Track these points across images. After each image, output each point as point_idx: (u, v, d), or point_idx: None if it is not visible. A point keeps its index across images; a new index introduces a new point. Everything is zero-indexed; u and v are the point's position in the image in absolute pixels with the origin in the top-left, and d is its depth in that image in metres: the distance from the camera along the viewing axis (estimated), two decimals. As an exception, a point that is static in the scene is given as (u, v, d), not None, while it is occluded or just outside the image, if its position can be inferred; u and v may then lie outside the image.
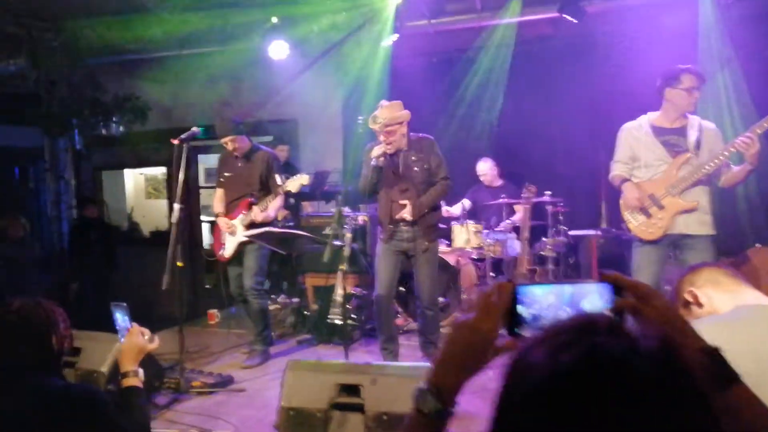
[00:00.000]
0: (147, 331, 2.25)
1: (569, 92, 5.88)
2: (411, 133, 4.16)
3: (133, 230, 9.51)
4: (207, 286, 8.13)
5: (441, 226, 4.61)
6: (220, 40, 6.75)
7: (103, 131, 7.12)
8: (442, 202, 4.80)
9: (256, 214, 4.52)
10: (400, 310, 5.38)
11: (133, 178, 10.24)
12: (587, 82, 5.76)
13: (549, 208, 5.50)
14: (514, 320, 0.97)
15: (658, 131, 3.81)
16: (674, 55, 4.38)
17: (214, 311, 6.31)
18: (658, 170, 3.78)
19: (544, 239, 5.52)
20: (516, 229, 5.78)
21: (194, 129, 4.24)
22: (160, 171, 9.73)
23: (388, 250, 4.18)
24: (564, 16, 5.16)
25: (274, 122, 7.69)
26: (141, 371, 2.15)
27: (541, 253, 5.46)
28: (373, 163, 4.02)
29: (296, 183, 4.51)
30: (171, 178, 8.58)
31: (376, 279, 4.22)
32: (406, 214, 4.05)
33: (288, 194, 4.85)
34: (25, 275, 6.72)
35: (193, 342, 5.24)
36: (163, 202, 9.20)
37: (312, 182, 5.15)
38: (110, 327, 2.41)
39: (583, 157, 6.04)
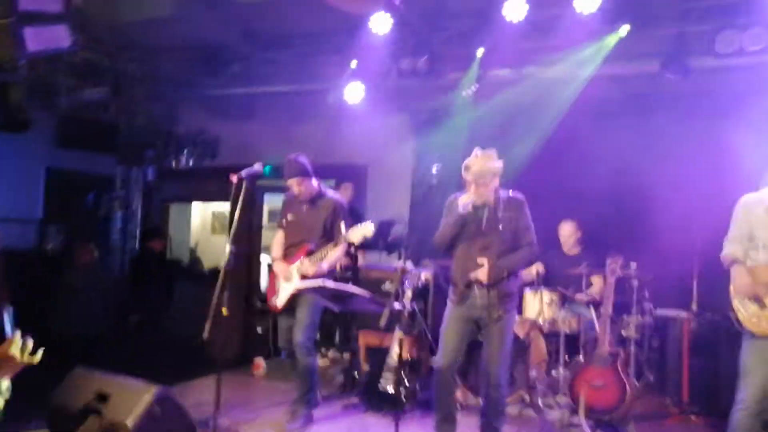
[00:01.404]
0: (28, 343, 2.08)
1: (665, 157, 5.35)
2: (501, 189, 3.78)
3: (195, 265, 9.45)
4: (259, 330, 7.88)
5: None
6: (297, 80, 6.67)
7: (173, 164, 7.11)
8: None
9: (307, 267, 4.22)
10: (458, 381, 4.87)
11: (201, 212, 10.28)
12: (684, 143, 5.23)
13: (634, 282, 4.92)
14: None
15: (780, 207, 3.26)
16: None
17: (260, 360, 5.99)
18: (777, 254, 3.22)
19: (625, 317, 4.92)
20: (594, 304, 5.21)
21: (256, 166, 4.03)
22: (227, 207, 9.73)
23: (458, 315, 3.75)
24: (666, 73, 4.70)
25: (342, 166, 7.48)
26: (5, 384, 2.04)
27: (622, 332, 4.86)
28: (460, 210, 3.64)
29: (359, 233, 4.18)
30: (232, 215, 8.52)
31: (440, 346, 3.78)
32: (482, 275, 3.62)
33: (348, 244, 4.52)
34: (88, 301, 6.70)
35: (234, 393, 4.91)
36: (224, 238, 9.14)
37: (375, 231, 4.82)
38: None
39: (675, 227, 5.45)
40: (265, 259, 8.74)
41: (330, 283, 3.14)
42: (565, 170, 5.75)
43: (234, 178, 3.92)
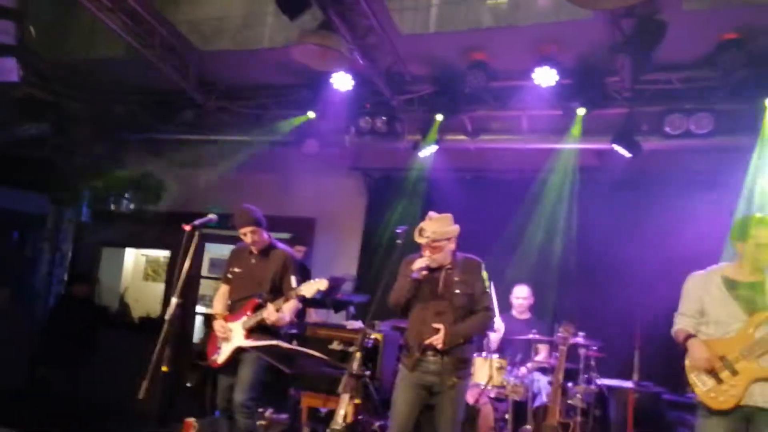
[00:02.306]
0: None
1: (614, 229, 5.51)
2: (458, 252, 3.74)
3: (124, 313, 8.90)
4: (188, 385, 7.41)
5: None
6: (251, 131, 6.57)
7: (113, 206, 6.77)
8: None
9: (270, 313, 3.99)
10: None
11: (134, 258, 9.79)
12: (634, 220, 5.42)
13: (582, 351, 4.94)
14: None
15: (731, 284, 3.36)
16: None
17: (191, 420, 5.58)
18: (730, 328, 3.29)
19: (572, 386, 4.91)
20: (542, 370, 5.19)
21: (211, 216, 3.87)
22: (162, 254, 9.32)
23: (410, 382, 3.61)
24: (616, 148, 4.90)
25: (290, 219, 7.33)
26: None
27: (569, 401, 4.83)
28: (414, 275, 3.56)
29: (312, 288, 4.03)
30: (174, 263, 8.16)
31: (392, 414, 3.61)
32: (437, 340, 3.52)
33: (299, 299, 4.34)
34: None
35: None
36: (160, 287, 8.69)
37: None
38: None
39: (618, 297, 5.58)
40: (200, 309, 8.36)
41: (284, 344, 2.95)
42: (518, 235, 5.81)
43: (187, 227, 3.72)
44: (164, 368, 3.39)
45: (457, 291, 3.64)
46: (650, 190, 5.48)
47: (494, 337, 5.30)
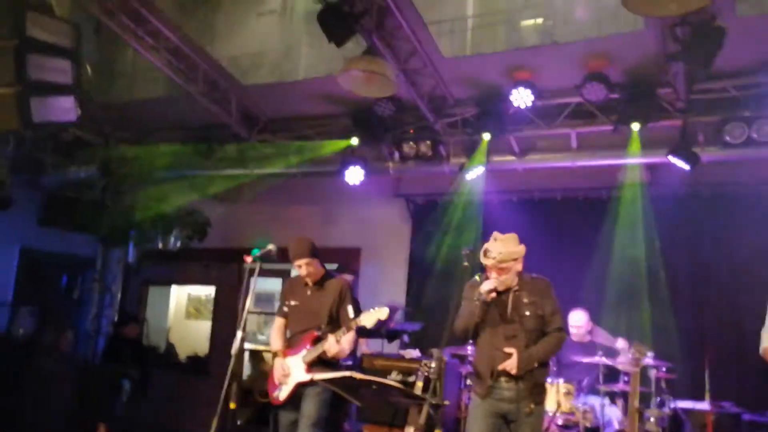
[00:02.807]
0: None
1: (675, 244, 5.32)
2: (524, 273, 3.62)
3: (170, 353, 8.89)
4: (238, 422, 7.32)
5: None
6: (293, 161, 6.58)
7: (160, 245, 6.82)
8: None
9: (331, 345, 3.90)
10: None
11: (176, 296, 9.83)
12: (695, 236, 5.23)
13: (652, 372, 4.73)
14: None
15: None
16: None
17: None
18: (821, 342, 3.10)
19: (646, 410, 4.68)
20: (610, 395, 4.97)
21: (270, 247, 3.81)
22: (204, 291, 9.33)
23: (485, 411, 3.46)
24: (673, 160, 4.75)
25: (335, 249, 7.28)
26: None
27: (645, 428, 4.60)
28: (482, 298, 3.44)
29: (373, 317, 3.92)
30: (220, 298, 8.15)
31: (468, 446, 3.47)
32: (510, 365, 3.38)
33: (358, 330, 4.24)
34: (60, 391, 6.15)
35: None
36: (205, 324, 8.67)
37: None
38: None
39: (685, 316, 5.37)
40: (247, 345, 8.30)
41: (358, 375, 2.85)
42: (570, 258, 5.65)
43: (248, 259, 3.68)
44: (232, 405, 3.30)
45: (527, 313, 3.50)
46: (715, 203, 5.29)
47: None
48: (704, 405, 4.73)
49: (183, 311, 9.89)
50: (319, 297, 4.25)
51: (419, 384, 4.32)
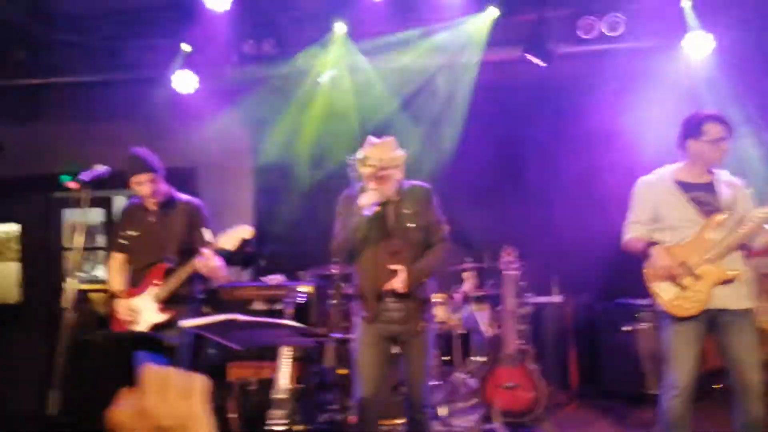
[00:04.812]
0: None
1: (521, 138, 5.37)
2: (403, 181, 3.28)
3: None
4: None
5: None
6: (105, 69, 5.51)
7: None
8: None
9: (209, 257, 3.33)
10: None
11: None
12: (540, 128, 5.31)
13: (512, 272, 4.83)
14: None
15: (684, 187, 3.28)
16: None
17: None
18: (685, 233, 3.22)
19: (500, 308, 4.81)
20: (466, 299, 5.03)
21: (100, 167, 3.07)
22: (4, 228, 7.90)
23: (373, 337, 3.17)
24: (529, 57, 4.66)
25: (166, 170, 6.41)
26: None
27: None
28: (366, 212, 3.06)
29: (234, 238, 3.40)
30: (26, 237, 6.90)
31: (359, 376, 3.19)
32: (398, 283, 3.10)
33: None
34: None
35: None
36: (12, 266, 7.37)
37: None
38: None
39: (534, 213, 5.54)
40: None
41: (241, 317, 2.34)
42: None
43: (72, 185, 2.90)
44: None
45: (411, 225, 3.20)
46: (569, 96, 5.35)
47: None
48: (555, 298, 4.97)
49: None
50: (165, 223, 3.61)
51: (289, 311, 3.96)
